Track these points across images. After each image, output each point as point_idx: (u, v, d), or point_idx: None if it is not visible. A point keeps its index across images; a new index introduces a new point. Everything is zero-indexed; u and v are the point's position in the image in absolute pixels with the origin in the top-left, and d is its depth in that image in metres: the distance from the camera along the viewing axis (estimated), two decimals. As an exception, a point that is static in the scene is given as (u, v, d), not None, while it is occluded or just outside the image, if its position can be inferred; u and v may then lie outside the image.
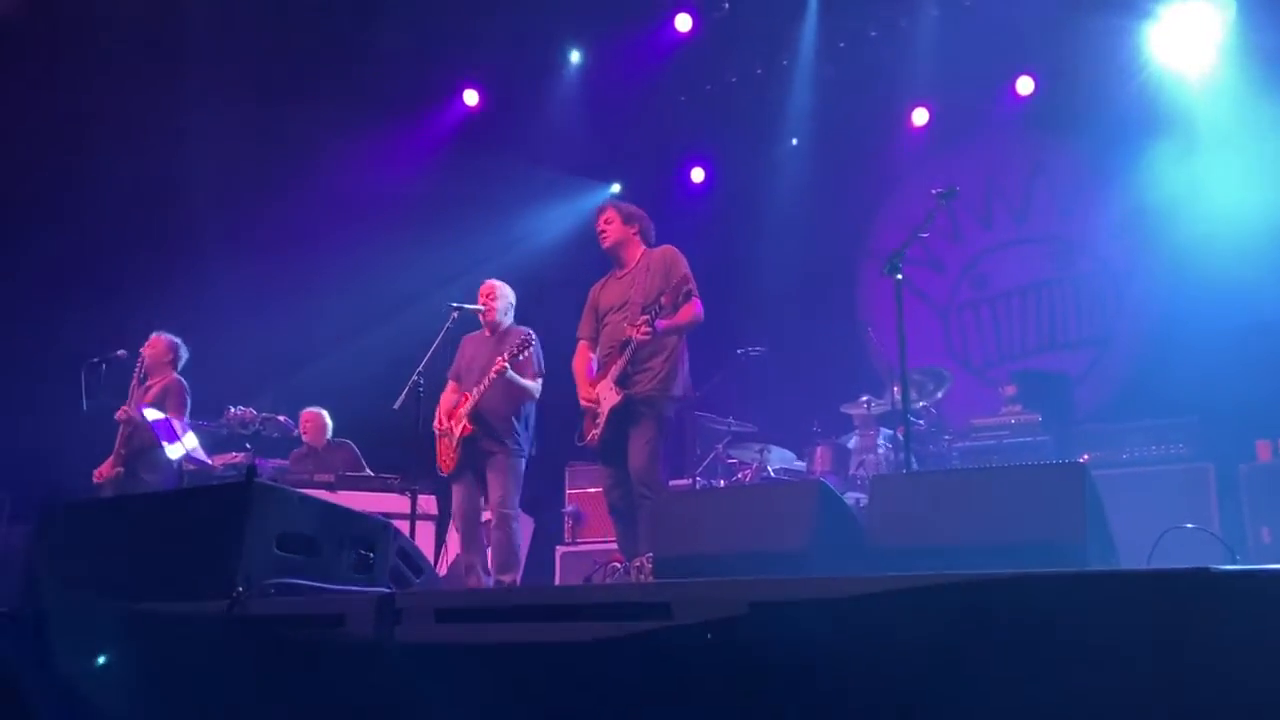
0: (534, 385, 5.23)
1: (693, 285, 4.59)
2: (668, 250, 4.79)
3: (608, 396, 4.58)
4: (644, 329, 4.40)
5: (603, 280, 4.96)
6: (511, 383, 5.11)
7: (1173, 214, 6.90)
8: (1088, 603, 1.68)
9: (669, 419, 4.63)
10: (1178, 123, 6.75)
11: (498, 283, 5.55)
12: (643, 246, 4.85)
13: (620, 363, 4.55)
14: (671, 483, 6.18)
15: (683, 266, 4.67)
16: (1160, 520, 4.19)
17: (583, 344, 4.91)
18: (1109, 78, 7.12)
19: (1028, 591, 1.80)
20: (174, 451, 5.86)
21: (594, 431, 4.62)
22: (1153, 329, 7.09)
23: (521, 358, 5.11)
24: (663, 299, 4.51)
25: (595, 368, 4.79)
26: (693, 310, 4.59)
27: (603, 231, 4.84)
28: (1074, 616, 1.70)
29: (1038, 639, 1.73)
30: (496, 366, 5.09)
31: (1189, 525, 4.09)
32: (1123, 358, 7.27)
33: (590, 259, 5.07)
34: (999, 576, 1.84)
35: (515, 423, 5.18)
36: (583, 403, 4.71)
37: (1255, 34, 6.50)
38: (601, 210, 4.93)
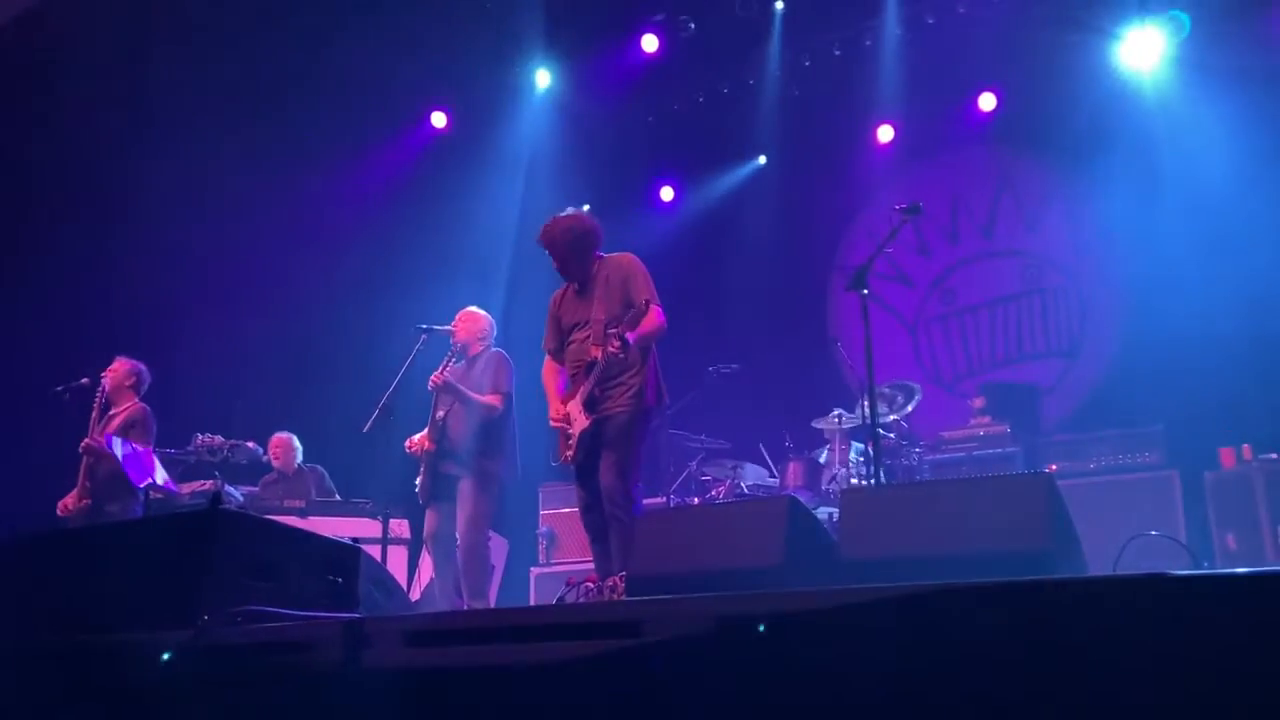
0: (489, 402, 5.16)
1: (653, 294, 4.50)
2: (624, 258, 4.65)
3: (578, 419, 4.54)
4: (615, 343, 4.34)
5: (562, 291, 4.83)
6: (462, 398, 5.07)
7: (1136, 226, 7.03)
8: (1052, 609, 1.69)
9: (643, 433, 4.55)
10: (1139, 137, 6.87)
11: (474, 309, 5.51)
12: (597, 257, 4.69)
13: (587, 386, 4.47)
14: (645, 501, 6.16)
15: (641, 276, 4.56)
16: (1128, 528, 4.25)
17: (549, 358, 4.87)
18: (1071, 94, 7.23)
19: (995, 600, 1.81)
20: (139, 480, 5.75)
21: (567, 453, 4.59)
22: (1118, 340, 7.19)
23: (448, 369, 5.07)
24: (626, 317, 4.46)
25: (566, 382, 4.75)
26: (655, 319, 4.47)
27: (556, 258, 4.63)
28: (1039, 623, 1.72)
29: (1005, 646, 1.75)
30: (432, 379, 5.07)
31: (1153, 533, 4.15)
32: (1089, 369, 7.36)
33: (560, 278, 5.03)
34: (967, 586, 1.85)
35: (478, 444, 5.12)
36: (552, 422, 4.68)
37: (1209, 52, 6.64)
38: (543, 237, 4.66)
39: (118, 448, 5.64)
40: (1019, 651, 1.72)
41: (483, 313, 5.51)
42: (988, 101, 7.74)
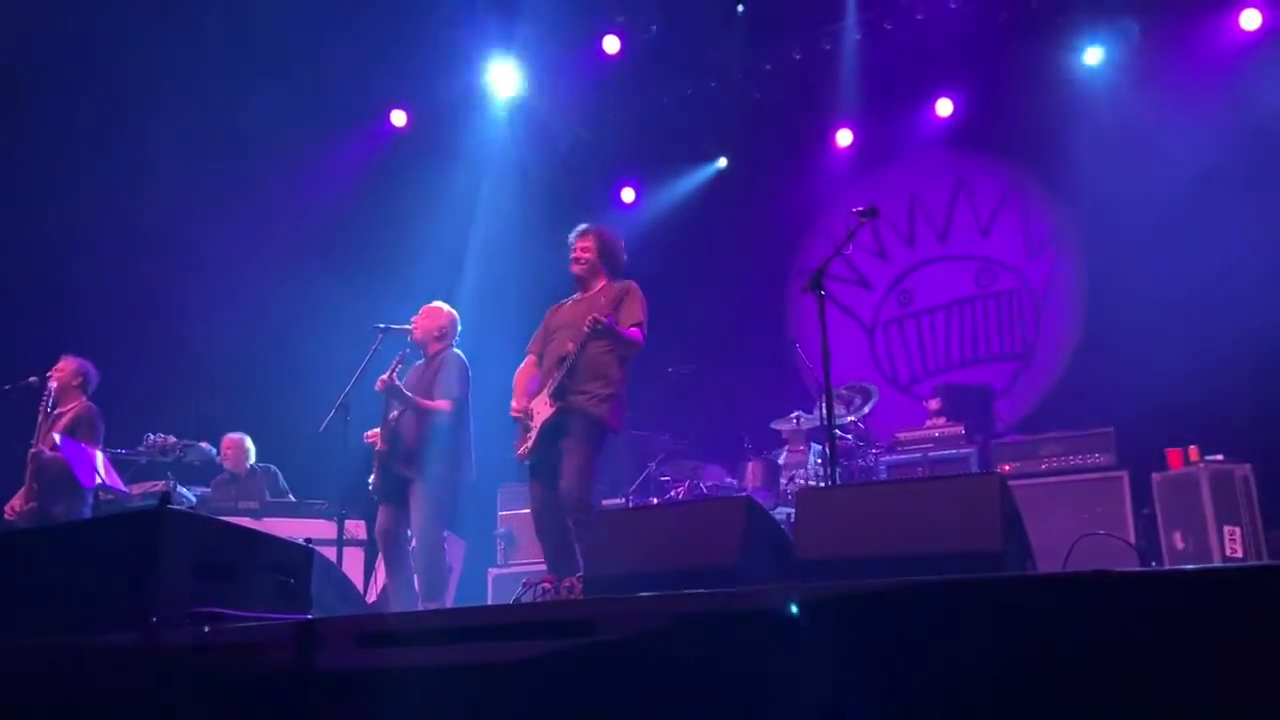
0: (438, 408, 5.11)
1: (643, 320, 4.62)
2: (628, 283, 4.77)
3: (541, 410, 4.56)
4: (592, 320, 4.40)
5: (559, 303, 4.95)
6: (408, 404, 5.05)
7: (1088, 231, 7.17)
8: (999, 607, 1.72)
9: (602, 446, 4.60)
10: (1092, 144, 6.98)
11: (436, 305, 5.44)
12: (606, 279, 4.83)
13: (557, 376, 4.53)
14: (605, 502, 6.16)
15: (638, 302, 4.67)
16: (1078, 528, 4.32)
17: (530, 358, 4.88)
18: (1027, 100, 7.35)
19: (947, 598, 1.83)
20: (89, 481, 5.63)
21: (525, 445, 4.59)
22: (1070, 343, 7.32)
23: (395, 372, 5.06)
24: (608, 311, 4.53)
25: (537, 384, 4.77)
26: (634, 333, 4.59)
27: (578, 259, 4.81)
28: (989, 620, 1.74)
29: (955, 643, 1.77)
30: (379, 381, 5.04)
31: (1102, 532, 4.22)
32: (1041, 371, 7.48)
33: (521, 278, 5.03)
34: (919, 584, 1.87)
35: (429, 447, 5.07)
36: (512, 412, 4.69)
37: (1159, 59, 6.78)
38: (584, 235, 4.86)
39: (100, 472, 5.51)
40: (969, 648, 1.75)
41: (445, 308, 5.43)
42: (945, 107, 7.85)
